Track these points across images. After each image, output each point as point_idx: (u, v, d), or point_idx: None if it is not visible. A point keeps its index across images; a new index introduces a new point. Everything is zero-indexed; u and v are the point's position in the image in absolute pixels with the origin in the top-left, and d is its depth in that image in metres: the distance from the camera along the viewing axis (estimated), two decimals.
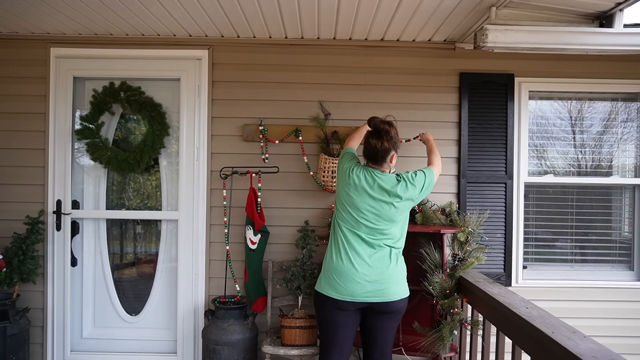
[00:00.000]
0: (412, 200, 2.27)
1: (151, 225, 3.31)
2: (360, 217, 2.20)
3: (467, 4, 2.45)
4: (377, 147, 2.21)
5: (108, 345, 3.21)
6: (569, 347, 1.44)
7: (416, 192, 2.26)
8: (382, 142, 2.21)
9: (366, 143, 2.27)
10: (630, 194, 3.27)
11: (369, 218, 2.19)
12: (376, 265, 2.17)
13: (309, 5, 2.54)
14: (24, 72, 3.12)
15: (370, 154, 2.26)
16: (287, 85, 3.14)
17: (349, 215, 2.22)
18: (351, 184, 2.24)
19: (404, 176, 2.25)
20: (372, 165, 2.28)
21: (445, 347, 2.47)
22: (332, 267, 2.21)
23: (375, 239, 2.20)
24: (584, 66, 3.15)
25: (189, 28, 2.94)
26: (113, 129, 3.24)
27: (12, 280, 2.89)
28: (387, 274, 2.18)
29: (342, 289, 2.16)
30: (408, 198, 2.23)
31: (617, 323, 3.14)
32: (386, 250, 2.21)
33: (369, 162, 2.29)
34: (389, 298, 2.17)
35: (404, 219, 2.29)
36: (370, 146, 2.24)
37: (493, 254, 3.11)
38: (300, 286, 2.85)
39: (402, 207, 2.24)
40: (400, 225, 2.27)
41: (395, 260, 2.23)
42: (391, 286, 2.18)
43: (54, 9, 2.63)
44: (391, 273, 2.19)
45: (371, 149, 2.24)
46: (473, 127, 3.14)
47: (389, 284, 2.17)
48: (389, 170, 2.29)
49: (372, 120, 2.25)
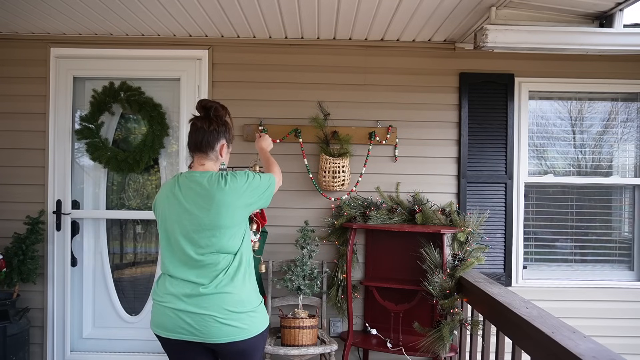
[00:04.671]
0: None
1: (151, 225, 3.31)
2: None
3: (467, 4, 2.45)
4: (204, 128, 1.78)
5: (108, 345, 3.21)
6: (569, 347, 1.44)
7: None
8: (210, 123, 1.79)
9: (191, 127, 1.82)
10: (630, 194, 3.27)
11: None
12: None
13: (309, 5, 2.54)
14: (24, 72, 3.12)
15: (194, 139, 1.80)
16: (287, 85, 3.14)
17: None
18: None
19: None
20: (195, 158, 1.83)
21: (445, 347, 2.47)
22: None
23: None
24: (584, 66, 3.15)
25: (189, 28, 2.94)
26: (113, 129, 3.24)
27: (12, 281, 2.89)
28: None
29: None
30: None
31: (617, 323, 3.14)
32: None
33: (192, 150, 1.83)
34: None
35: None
36: (195, 129, 1.79)
37: (493, 254, 3.11)
38: (300, 286, 2.85)
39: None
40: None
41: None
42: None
43: (54, 9, 2.63)
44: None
45: (196, 133, 1.79)
46: (473, 127, 3.14)
47: None
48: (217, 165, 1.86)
49: (200, 101, 1.85)
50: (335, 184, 3.00)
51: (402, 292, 2.88)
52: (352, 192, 3.12)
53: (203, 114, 1.83)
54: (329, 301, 3.04)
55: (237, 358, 1.75)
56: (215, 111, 1.82)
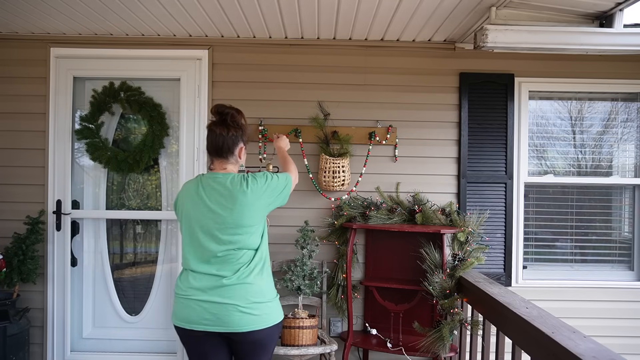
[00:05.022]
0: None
1: (151, 225, 3.31)
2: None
3: (467, 4, 2.45)
4: (224, 135, 1.88)
5: (108, 345, 3.21)
6: (569, 347, 1.44)
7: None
8: (229, 129, 1.89)
9: (209, 133, 1.92)
10: (630, 194, 3.27)
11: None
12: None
13: (309, 5, 2.54)
14: (24, 72, 3.12)
15: (214, 145, 1.91)
16: (287, 85, 3.14)
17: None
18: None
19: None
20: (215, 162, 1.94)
21: (445, 347, 2.47)
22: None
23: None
24: (584, 66, 3.15)
25: (189, 28, 2.94)
26: (113, 129, 3.24)
27: (12, 280, 2.89)
28: None
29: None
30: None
31: (617, 323, 3.14)
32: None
33: (212, 155, 1.94)
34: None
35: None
36: (214, 135, 1.89)
37: (493, 254, 3.11)
38: (300, 286, 2.85)
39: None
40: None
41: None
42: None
43: (54, 9, 2.63)
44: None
45: (216, 140, 1.90)
46: (473, 127, 3.14)
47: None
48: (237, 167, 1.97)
49: (215, 106, 1.94)
50: (335, 184, 3.00)
51: (402, 292, 2.88)
52: (352, 192, 3.12)
53: (218, 118, 1.92)
54: (329, 301, 3.04)
55: (253, 348, 1.85)
56: (232, 117, 1.91)
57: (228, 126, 1.89)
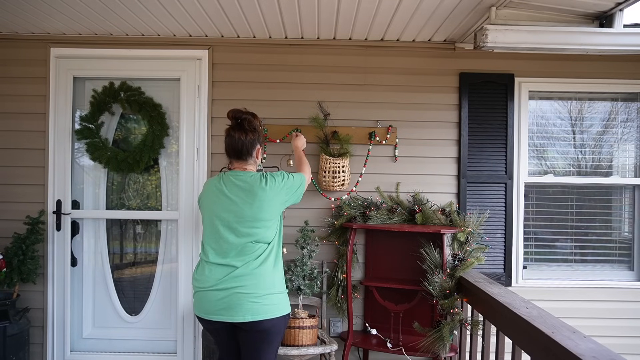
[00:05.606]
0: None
1: (151, 225, 3.31)
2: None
3: (467, 4, 2.45)
4: (242, 139, 2.04)
5: (108, 345, 3.21)
6: (569, 347, 1.44)
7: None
8: (247, 133, 2.05)
9: (228, 137, 2.07)
10: (630, 194, 3.27)
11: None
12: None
13: (309, 5, 2.54)
14: (24, 72, 3.12)
15: (234, 149, 2.07)
16: (287, 85, 3.14)
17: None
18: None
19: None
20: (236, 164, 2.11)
21: (445, 347, 2.47)
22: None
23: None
24: (583, 66, 3.15)
25: (189, 28, 2.94)
26: (113, 129, 3.24)
27: (12, 280, 2.89)
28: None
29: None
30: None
31: (617, 323, 3.14)
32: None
33: (232, 157, 2.10)
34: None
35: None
36: (233, 140, 2.05)
37: (493, 254, 3.11)
38: (300, 286, 2.85)
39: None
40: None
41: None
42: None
43: (54, 9, 2.63)
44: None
45: (235, 144, 2.05)
46: (473, 127, 3.14)
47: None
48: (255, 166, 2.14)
49: (231, 111, 2.10)
50: (335, 184, 3.00)
51: (402, 292, 2.88)
52: (352, 192, 3.12)
53: (235, 123, 2.08)
54: (329, 301, 3.04)
55: (261, 337, 1.94)
56: (249, 122, 2.07)
57: (245, 130, 2.05)
